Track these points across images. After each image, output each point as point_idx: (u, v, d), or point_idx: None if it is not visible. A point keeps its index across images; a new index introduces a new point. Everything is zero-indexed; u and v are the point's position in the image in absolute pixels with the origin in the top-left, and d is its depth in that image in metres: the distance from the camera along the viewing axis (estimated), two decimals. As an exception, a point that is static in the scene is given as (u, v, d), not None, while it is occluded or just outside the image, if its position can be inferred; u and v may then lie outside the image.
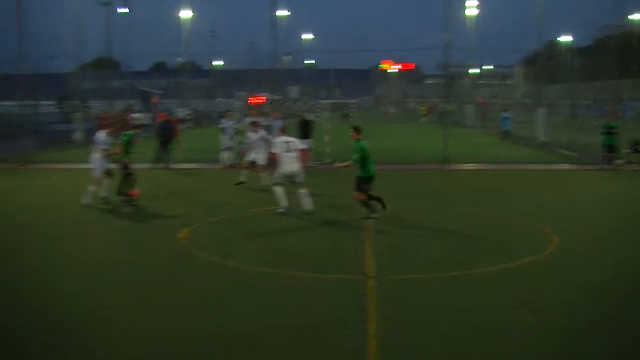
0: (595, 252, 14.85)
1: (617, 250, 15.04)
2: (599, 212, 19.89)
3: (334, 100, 79.63)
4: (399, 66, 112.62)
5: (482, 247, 15.33)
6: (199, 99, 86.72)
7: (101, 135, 21.25)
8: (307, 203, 18.91)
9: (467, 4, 70.79)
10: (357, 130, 18.20)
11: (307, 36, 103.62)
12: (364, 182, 17.97)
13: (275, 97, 43.50)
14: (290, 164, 19.21)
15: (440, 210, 19.99)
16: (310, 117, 32.89)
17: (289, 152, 19.29)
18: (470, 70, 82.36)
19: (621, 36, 41.97)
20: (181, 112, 65.71)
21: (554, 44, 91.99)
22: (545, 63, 50.60)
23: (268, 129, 30.39)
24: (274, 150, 19.93)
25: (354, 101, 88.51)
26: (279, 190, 19.24)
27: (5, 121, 42.45)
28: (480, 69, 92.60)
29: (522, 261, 13.74)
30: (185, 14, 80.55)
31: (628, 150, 31.77)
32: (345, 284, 12.12)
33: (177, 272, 13.27)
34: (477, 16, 73.61)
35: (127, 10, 71.22)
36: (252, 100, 41.89)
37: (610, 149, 30.67)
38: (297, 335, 9.75)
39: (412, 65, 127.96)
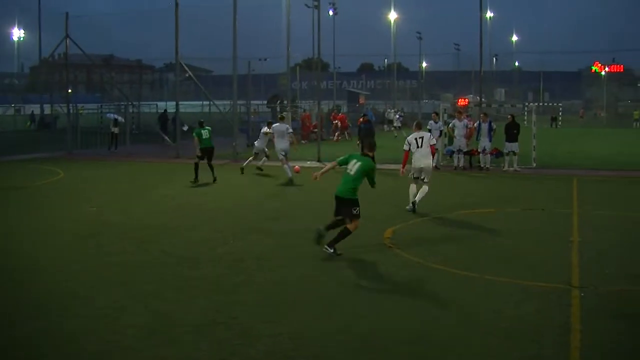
0: None
1: None
2: None
3: (541, 103, 78.00)
4: (607, 68, 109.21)
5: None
6: (405, 100, 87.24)
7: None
8: (419, 196, 19.68)
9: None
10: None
11: (515, 38, 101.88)
12: None
13: (480, 100, 43.07)
14: (419, 160, 19.69)
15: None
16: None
17: (420, 147, 19.66)
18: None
19: None
20: (391, 114, 66.35)
21: None
22: None
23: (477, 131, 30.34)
24: (405, 148, 19.95)
25: (562, 104, 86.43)
26: (411, 187, 20.02)
27: (220, 119, 44.44)
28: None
29: None
30: (392, 15, 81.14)
31: None
32: (549, 292, 11.89)
33: (376, 271, 13.47)
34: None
35: (334, 12, 72.71)
36: (459, 102, 41.78)
37: None
38: (492, 340, 9.68)
39: (621, 68, 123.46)
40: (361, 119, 35.50)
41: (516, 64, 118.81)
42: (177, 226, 17.82)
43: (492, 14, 68.45)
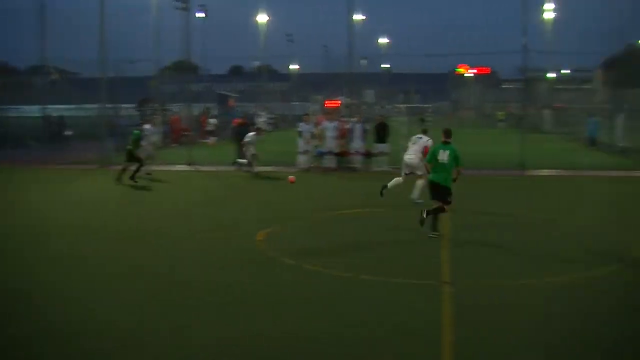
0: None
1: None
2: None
3: (410, 105, 79.28)
4: (475, 70, 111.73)
5: (557, 254, 15.14)
6: (276, 103, 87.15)
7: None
8: (417, 193, 20.99)
9: (545, 7, 69.85)
10: (447, 133, 17.30)
11: (384, 40, 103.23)
12: (430, 187, 17.17)
13: (352, 101, 43.48)
14: (411, 155, 21.29)
15: (517, 217, 19.80)
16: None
17: (415, 145, 21.57)
18: (548, 75, 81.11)
19: None
20: (262, 117, 66.01)
21: (636, 47, 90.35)
22: (626, 67, 49.59)
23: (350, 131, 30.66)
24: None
25: (430, 106, 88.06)
26: (396, 179, 21.56)
27: (88, 124, 43.44)
28: (559, 73, 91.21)
29: (602, 270, 13.56)
30: (262, 17, 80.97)
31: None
32: (421, 289, 12.11)
33: (253, 274, 13.36)
34: (555, 19, 72.56)
35: (204, 14, 72.13)
36: (329, 104, 42.02)
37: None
38: (371, 341, 9.76)
39: (487, 70, 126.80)
40: (237, 121, 35.53)
41: (386, 65, 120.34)
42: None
43: (362, 17, 68.97)
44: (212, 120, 51.96)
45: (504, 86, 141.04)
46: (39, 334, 9.88)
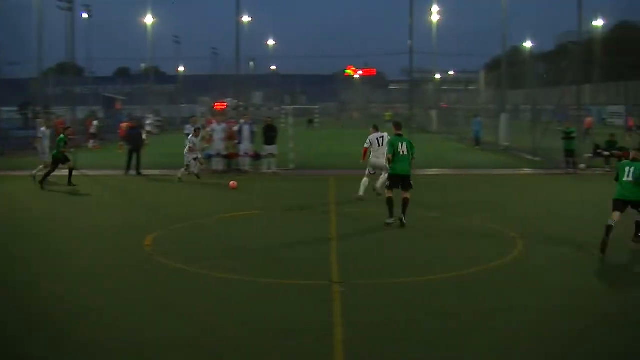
0: (559, 256, 14.92)
1: (582, 254, 15.13)
2: (563, 216, 19.99)
3: (298, 106, 79.58)
4: (361, 72, 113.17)
5: (447, 251, 15.37)
6: (163, 105, 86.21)
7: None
8: (380, 187, 21.88)
9: (432, 9, 71.12)
10: (397, 125, 19.28)
11: (271, 42, 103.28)
12: (390, 179, 18.47)
13: (239, 103, 43.29)
14: (379, 158, 21.63)
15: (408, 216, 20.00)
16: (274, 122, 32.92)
17: (380, 146, 21.88)
18: (435, 76, 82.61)
19: (583, 42, 42.37)
20: (149, 119, 65.05)
21: (517, 50, 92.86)
22: (508, 69, 50.89)
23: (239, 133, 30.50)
24: (366, 145, 22.60)
25: (318, 107, 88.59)
26: (364, 180, 22.35)
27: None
28: (446, 74, 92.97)
29: (488, 266, 13.80)
30: (149, 19, 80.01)
31: (589, 155, 32.19)
32: (311, 289, 12.10)
33: (140, 279, 13.09)
34: (442, 22, 73.90)
35: (88, 15, 70.75)
36: (216, 106, 41.75)
37: (570, 153, 31.21)
38: (262, 341, 9.66)
39: (373, 71, 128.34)
40: (127, 124, 35.04)
41: (274, 67, 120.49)
42: None
43: (249, 18, 68.79)
44: (95, 123, 50.91)
45: (391, 87, 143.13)
46: None
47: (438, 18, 71.53)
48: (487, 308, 11.15)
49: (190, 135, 28.91)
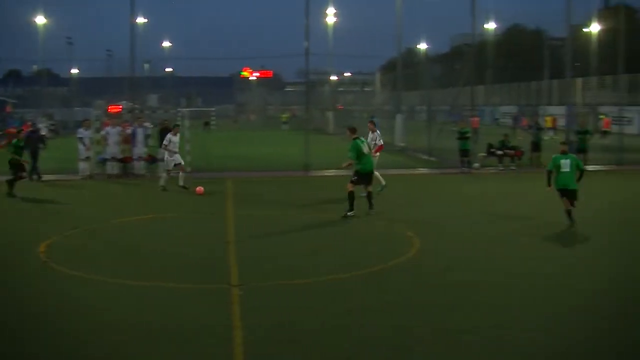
0: (455, 254, 15.13)
1: (477, 251, 15.37)
2: (458, 215, 20.29)
3: (194, 109, 78.87)
4: (258, 74, 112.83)
5: (346, 251, 15.45)
6: (57, 108, 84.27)
7: None
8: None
9: (328, 11, 71.43)
10: (353, 130, 20.75)
11: (167, 43, 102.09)
12: (358, 176, 19.90)
13: (134, 106, 42.62)
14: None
15: (303, 217, 20.00)
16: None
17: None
18: (331, 77, 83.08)
19: (476, 44, 43.23)
20: (43, 123, 63.29)
21: (413, 52, 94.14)
22: (403, 70, 51.51)
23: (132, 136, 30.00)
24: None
25: (214, 109, 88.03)
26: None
27: None
28: (342, 75, 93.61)
29: (387, 265, 13.90)
30: (40, 19, 78.11)
31: (483, 154, 32.81)
32: (210, 293, 12.00)
33: (34, 286, 12.73)
34: (338, 24, 74.32)
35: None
36: (110, 108, 41.02)
37: (465, 153, 31.78)
38: (162, 346, 9.52)
39: (270, 73, 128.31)
40: (25, 128, 34.38)
41: (169, 69, 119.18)
42: None
43: (144, 19, 67.70)
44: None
45: (287, 89, 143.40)
46: None
47: (334, 20, 71.88)
48: (386, 306, 11.21)
49: (171, 135, 26.45)
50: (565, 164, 17.99)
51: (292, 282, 12.73)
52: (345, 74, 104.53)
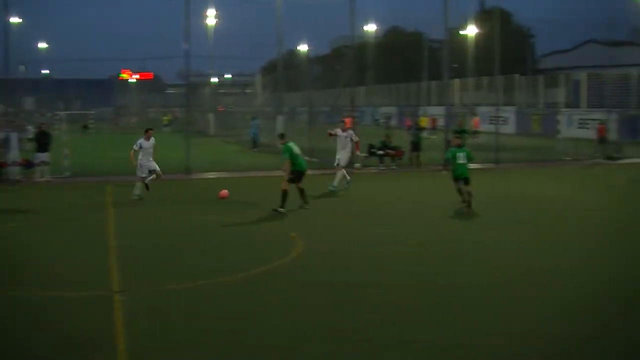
0: (338, 254, 15.23)
1: (359, 250, 15.49)
2: (341, 214, 20.42)
3: (72, 112, 77.14)
4: (137, 75, 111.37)
5: (230, 254, 15.38)
6: None
7: None
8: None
9: (208, 13, 70.89)
10: (282, 136, 22.50)
11: (43, 44, 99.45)
12: (294, 174, 21.11)
13: (8, 109, 41.38)
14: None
15: (185, 220, 19.81)
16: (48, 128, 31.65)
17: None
18: (212, 79, 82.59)
19: (356, 46, 43.63)
20: None
21: (293, 53, 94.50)
22: (284, 71, 51.57)
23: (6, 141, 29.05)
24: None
25: (93, 112, 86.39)
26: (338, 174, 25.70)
27: None
28: (223, 78, 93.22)
29: (271, 266, 13.89)
30: None
31: (364, 154, 33.12)
32: (91, 300, 11.74)
33: None
34: (219, 25, 73.89)
35: None
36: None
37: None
38: (42, 356, 9.27)
39: (150, 75, 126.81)
40: None
41: (46, 71, 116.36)
42: None
43: (19, 19, 65.68)
44: None
45: (168, 91, 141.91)
46: None
47: (215, 21, 71.44)
48: (271, 307, 11.20)
49: (141, 140, 25.12)
50: (460, 156, 20.92)
51: (177, 286, 12.58)
52: (226, 76, 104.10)
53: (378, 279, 13.08)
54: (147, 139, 24.39)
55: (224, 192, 23.27)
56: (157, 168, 24.14)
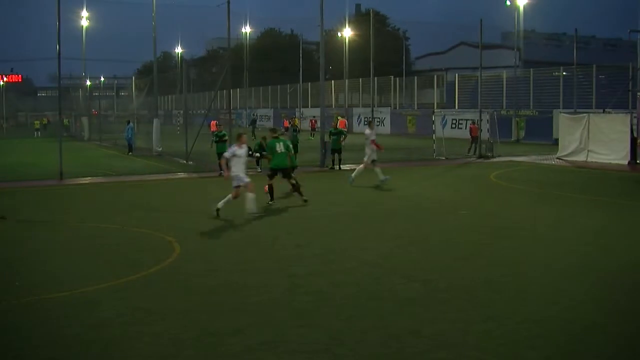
0: (215, 256, 15.09)
1: (237, 253, 15.38)
2: (217, 218, 20.24)
3: None
4: (6, 78, 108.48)
5: (107, 260, 14.96)
6: None
7: None
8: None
9: (81, 14, 69.60)
10: (273, 130, 24.23)
11: None
12: (271, 170, 22.31)
13: None
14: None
15: (56, 226, 19.30)
16: None
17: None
18: (86, 82, 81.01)
19: (232, 48, 43.51)
20: None
21: (169, 55, 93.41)
22: (160, 74, 50.99)
23: None
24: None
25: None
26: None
27: None
28: (97, 81, 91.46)
29: (147, 272, 13.62)
30: None
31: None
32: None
33: None
34: (92, 27, 72.60)
35: None
36: None
37: (221, 156, 31.89)
38: None
39: (19, 78, 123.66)
40: None
41: None
42: None
43: None
44: None
45: (40, 94, 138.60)
46: None
47: (87, 23, 70.14)
48: (149, 315, 10.97)
49: (234, 147, 22.40)
50: (280, 146, 22.08)
51: (47, 296, 12.14)
52: (100, 79, 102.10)
53: (259, 280, 13.02)
54: (240, 145, 20.79)
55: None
56: (248, 179, 20.55)
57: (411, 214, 21.05)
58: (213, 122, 39.63)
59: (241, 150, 20.41)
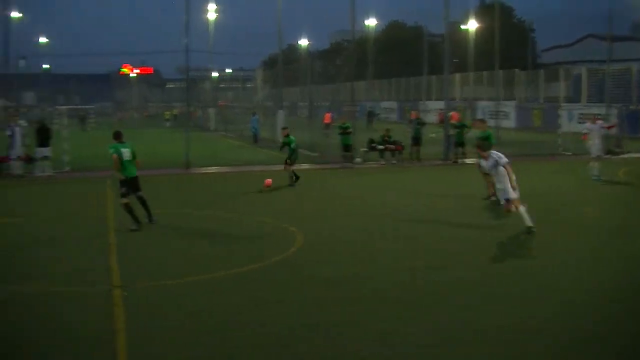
0: (337, 249, 15.21)
1: (359, 246, 15.50)
2: (342, 210, 20.40)
3: (72, 106, 77.13)
4: (138, 70, 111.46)
5: (231, 249, 15.33)
6: None
7: None
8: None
9: (208, 7, 70.85)
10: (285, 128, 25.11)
11: (43, 39, 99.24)
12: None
13: (9, 104, 41.39)
14: None
15: (186, 215, 19.81)
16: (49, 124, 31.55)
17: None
18: (212, 74, 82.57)
19: (356, 41, 43.69)
20: None
21: (294, 48, 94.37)
22: (285, 66, 51.57)
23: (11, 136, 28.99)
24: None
25: (93, 107, 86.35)
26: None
27: None
28: (223, 72, 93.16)
29: (270, 261, 13.88)
30: None
31: (365, 149, 33.19)
32: (91, 296, 11.73)
33: None
34: (219, 20, 73.85)
35: None
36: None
37: (347, 148, 32.12)
38: (43, 354, 9.27)
39: (150, 70, 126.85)
40: None
41: (47, 66, 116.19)
42: None
43: (19, 14, 65.51)
44: None
45: (168, 86, 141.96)
46: None
47: (215, 16, 71.41)
48: (267, 303, 11.19)
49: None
50: (125, 153, 18.61)
51: (177, 280, 12.59)
52: (227, 71, 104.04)
53: (370, 273, 13.13)
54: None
55: (269, 181, 24.55)
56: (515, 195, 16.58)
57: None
58: (327, 115, 39.92)
59: None
